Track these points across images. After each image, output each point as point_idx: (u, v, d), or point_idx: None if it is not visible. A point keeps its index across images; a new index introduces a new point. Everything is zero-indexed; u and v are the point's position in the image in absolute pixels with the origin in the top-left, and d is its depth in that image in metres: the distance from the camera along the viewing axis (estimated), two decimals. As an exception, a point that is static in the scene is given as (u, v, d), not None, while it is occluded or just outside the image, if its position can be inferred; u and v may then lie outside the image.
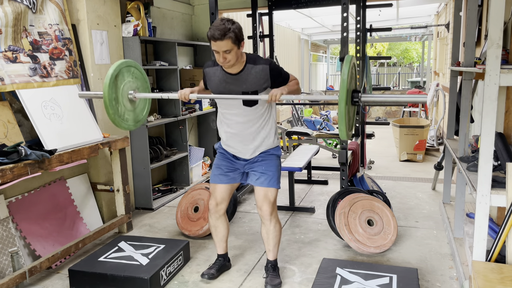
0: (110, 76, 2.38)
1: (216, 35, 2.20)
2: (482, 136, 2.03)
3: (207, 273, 2.77)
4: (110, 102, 2.39)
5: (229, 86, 2.43)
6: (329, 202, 3.42)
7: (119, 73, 2.45)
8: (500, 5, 1.93)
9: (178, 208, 3.62)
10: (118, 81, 2.47)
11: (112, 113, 2.42)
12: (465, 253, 2.79)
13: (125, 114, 2.55)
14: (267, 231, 2.65)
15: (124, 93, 2.51)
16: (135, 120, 2.65)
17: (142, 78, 2.67)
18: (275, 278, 2.68)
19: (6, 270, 2.76)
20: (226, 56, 2.26)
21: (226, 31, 2.20)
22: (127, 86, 2.53)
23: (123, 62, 2.49)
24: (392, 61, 23.11)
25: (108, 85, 2.37)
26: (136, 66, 2.61)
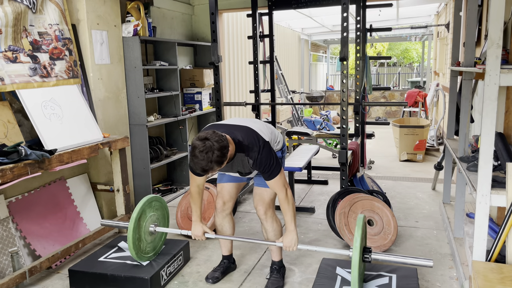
0: (134, 219, 2.58)
1: (199, 171, 2.18)
2: (482, 136, 2.03)
3: (211, 277, 2.76)
4: (134, 244, 2.59)
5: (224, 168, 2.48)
6: (329, 202, 3.42)
7: (142, 213, 2.64)
8: (500, 5, 1.93)
9: (178, 208, 3.62)
10: (141, 221, 2.65)
11: (135, 253, 2.61)
12: (465, 253, 2.79)
13: (146, 248, 2.74)
14: (265, 230, 2.66)
15: (146, 230, 2.71)
16: (154, 249, 2.83)
17: (162, 207, 2.88)
18: (277, 281, 2.66)
19: (6, 270, 2.76)
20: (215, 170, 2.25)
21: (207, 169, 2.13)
22: (149, 221, 2.73)
23: (145, 202, 2.68)
24: (392, 61, 23.11)
25: (133, 230, 2.57)
26: (157, 199, 2.81)
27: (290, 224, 2.43)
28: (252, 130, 2.38)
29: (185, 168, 4.87)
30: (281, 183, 2.38)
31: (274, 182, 2.37)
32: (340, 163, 3.46)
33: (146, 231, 2.71)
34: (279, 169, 2.37)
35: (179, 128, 4.77)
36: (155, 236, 2.82)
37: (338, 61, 15.97)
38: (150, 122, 4.18)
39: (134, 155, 4.14)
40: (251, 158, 2.32)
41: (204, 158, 2.09)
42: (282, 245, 2.45)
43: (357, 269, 2.18)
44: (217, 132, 2.17)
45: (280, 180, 2.38)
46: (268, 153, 2.33)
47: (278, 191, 2.41)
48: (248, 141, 2.32)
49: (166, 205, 2.92)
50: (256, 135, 2.36)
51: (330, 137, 6.20)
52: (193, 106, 4.97)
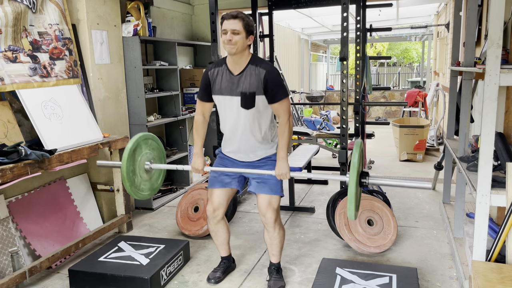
0: (128, 150, 2.47)
1: (229, 14, 2.32)
2: (482, 136, 2.03)
3: (213, 277, 2.75)
4: (127, 175, 2.48)
5: (230, 85, 2.43)
6: (329, 202, 3.42)
7: (137, 146, 2.55)
8: (500, 5, 1.93)
9: (178, 208, 3.62)
10: (136, 154, 2.56)
11: (129, 185, 2.51)
12: (465, 253, 2.79)
13: (141, 184, 2.64)
14: (270, 238, 2.61)
15: (141, 165, 2.61)
16: (151, 188, 2.73)
17: (158, 148, 2.77)
18: (279, 281, 2.66)
19: (6, 270, 2.76)
20: (233, 37, 2.29)
21: (240, 13, 2.33)
22: (144, 157, 2.63)
23: (141, 136, 2.58)
24: (392, 61, 23.11)
25: (127, 159, 2.46)
26: (153, 138, 2.71)
27: (282, 151, 2.41)
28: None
29: (185, 168, 4.87)
30: (287, 106, 2.41)
31: (282, 103, 2.39)
32: (340, 163, 3.46)
33: (141, 167, 2.59)
34: (287, 95, 2.41)
35: (179, 128, 4.77)
36: (151, 175, 2.70)
37: (338, 61, 15.96)
38: (150, 122, 4.18)
39: (134, 155, 4.13)
40: (265, 68, 2.35)
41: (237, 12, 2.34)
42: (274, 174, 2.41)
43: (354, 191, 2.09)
44: None
45: (287, 102, 2.41)
46: (279, 74, 2.40)
47: (282, 113, 2.40)
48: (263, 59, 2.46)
49: (163, 149, 2.80)
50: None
51: (330, 137, 6.20)
52: (193, 106, 4.97)
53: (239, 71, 2.40)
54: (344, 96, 3.36)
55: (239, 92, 2.40)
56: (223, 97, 2.46)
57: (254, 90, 2.37)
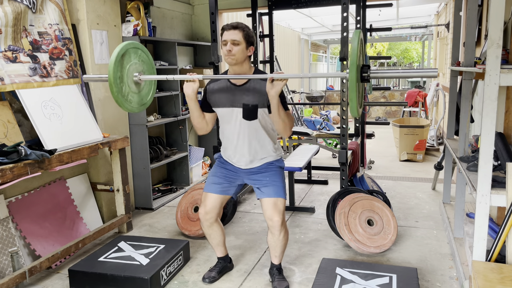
0: (116, 54, 2.32)
1: (229, 25, 2.32)
2: (482, 136, 2.03)
3: (207, 277, 2.76)
4: (114, 80, 2.30)
5: (231, 97, 2.43)
6: (329, 202, 3.42)
7: (125, 52, 2.38)
8: (500, 5, 1.93)
9: (178, 208, 3.62)
10: (124, 61, 2.39)
11: (115, 91, 2.33)
12: (465, 253, 2.79)
13: (129, 95, 2.47)
14: (275, 241, 2.59)
15: (129, 74, 2.44)
16: (140, 103, 2.56)
17: (149, 62, 2.60)
18: (283, 281, 2.66)
19: (6, 270, 2.76)
20: (233, 48, 2.29)
21: (240, 24, 2.33)
22: (133, 67, 2.46)
23: (130, 43, 2.43)
24: (392, 61, 23.11)
25: (114, 62, 2.29)
26: (143, 49, 2.55)
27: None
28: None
29: (185, 168, 4.87)
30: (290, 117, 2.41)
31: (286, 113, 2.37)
32: (340, 163, 3.46)
33: (129, 76, 2.46)
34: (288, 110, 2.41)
35: (179, 128, 4.77)
36: (141, 88, 2.57)
37: (338, 61, 15.96)
38: (150, 122, 4.18)
39: (134, 155, 4.14)
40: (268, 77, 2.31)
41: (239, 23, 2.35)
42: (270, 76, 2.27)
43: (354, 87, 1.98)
44: None
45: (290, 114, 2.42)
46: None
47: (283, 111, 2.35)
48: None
49: (153, 63, 2.65)
50: None
51: (330, 137, 6.20)
52: (193, 106, 4.96)
53: (241, 82, 2.40)
54: (344, 96, 3.36)
55: (241, 104, 2.40)
56: (225, 109, 2.46)
57: (256, 103, 2.38)
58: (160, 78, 2.54)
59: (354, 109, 2.03)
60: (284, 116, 2.34)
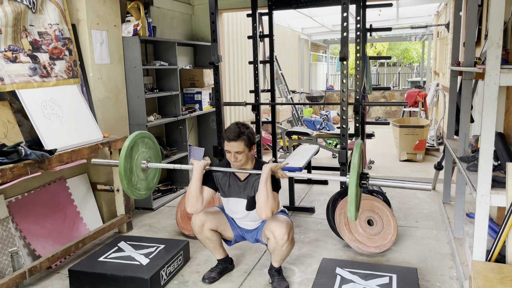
0: (126, 147, 2.49)
1: (231, 136, 2.42)
2: (482, 136, 2.03)
3: (207, 277, 2.77)
4: (125, 173, 2.49)
5: (237, 189, 2.60)
6: (329, 202, 3.42)
7: (134, 144, 2.57)
8: (500, 5, 1.93)
9: (178, 208, 3.62)
10: (133, 152, 2.58)
11: (126, 184, 2.52)
12: (465, 253, 2.79)
13: (137, 183, 2.66)
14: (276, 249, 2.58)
15: (138, 163, 2.63)
16: (147, 188, 2.75)
17: (155, 147, 2.79)
18: (283, 282, 2.67)
19: (6, 270, 2.76)
20: (237, 157, 2.45)
21: (240, 134, 2.42)
22: (141, 156, 2.65)
23: (138, 134, 2.60)
24: (392, 61, 23.11)
25: (125, 157, 2.48)
26: (150, 137, 2.74)
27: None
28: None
29: (185, 168, 4.86)
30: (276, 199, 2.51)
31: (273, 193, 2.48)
32: (340, 163, 3.45)
33: (138, 166, 2.61)
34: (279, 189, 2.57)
35: (179, 128, 4.77)
36: (148, 173, 2.71)
37: (338, 61, 15.96)
38: (150, 122, 4.18)
39: (134, 155, 4.13)
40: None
41: (240, 127, 2.44)
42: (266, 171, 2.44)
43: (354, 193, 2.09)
44: None
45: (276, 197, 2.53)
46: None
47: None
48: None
49: (159, 148, 2.81)
50: None
51: (330, 137, 6.21)
52: (193, 106, 4.96)
53: (244, 177, 2.59)
54: (344, 96, 3.36)
55: (246, 195, 2.57)
56: (231, 199, 2.65)
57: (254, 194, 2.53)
58: (168, 166, 2.76)
59: (352, 214, 2.13)
60: (270, 192, 2.42)
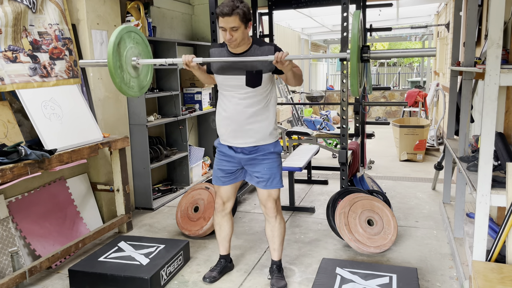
0: (112, 43, 2.31)
1: (225, 10, 2.23)
2: (482, 136, 2.03)
3: (208, 276, 2.77)
4: (115, 71, 2.33)
5: (233, 64, 2.41)
6: (329, 202, 3.42)
7: (121, 39, 2.38)
8: (500, 5, 1.93)
9: (178, 208, 3.62)
10: (121, 48, 2.39)
11: (118, 82, 2.36)
12: (465, 253, 2.79)
13: (130, 81, 2.49)
14: (272, 229, 2.64)
15: (127, 60, 2.45)
16: (140, 86, 2.59)
17: (143, 42, 2.61)
18: (281, 280, 2.67)
19: (6, 270, 2.76)
20: (233, 34, 2.27)
21: (234, 7, 2.23)
22: (130, 52, 2.47)
23: (123, 28, 2.42)
24: (392, 61, 23.09)
25: (112, 53, 2.30)
26: (136, 31, 2.54)
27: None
28: None
29: (185, 168, 4.87)
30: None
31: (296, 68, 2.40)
32: (340, 163, 3.46)
33: (128, 63, 2.48)
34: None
35: (179, 128, 4.77)
36: (139, 72, 2.59)
37: (338, 61, 15.96)
38: (150, 122, 4.18)
39: (134, 155, 4.14)
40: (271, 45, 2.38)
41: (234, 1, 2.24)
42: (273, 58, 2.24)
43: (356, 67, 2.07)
44: None
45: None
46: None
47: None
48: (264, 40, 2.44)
49: (147, 42, 2.66)
50: None
51: (330, 137, 6.20)
52: (193, 106, 4.96)
53: (241, 51, 2.40)
54: (344, 96, 3.36)
55: (244, 71, 2.37)
56: (225, 76, 2.43)
57: (261, 69, 2.36)
58: (158, 61, 2.56)
59: (355, 88, 2.09)
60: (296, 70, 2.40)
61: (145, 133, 4.07)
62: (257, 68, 2.36)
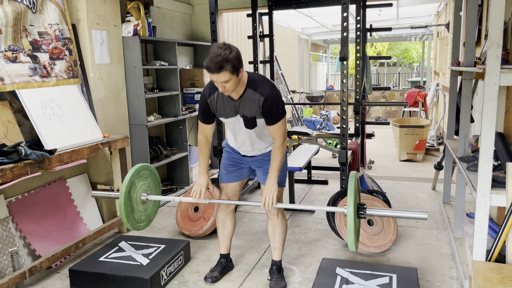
0: (123, 193, 2.48)
1: (213, 68, 2.14)
2: (482, 136, 2.03)
3: (210, 277, 2.77)
4: (127, 217, 2.52)
5: (233, 108, 2.46)
6: (329, 202, 3.42)
7: (131, 186, 2.55)
8: (500, 5, 1.93)
9: (178, 208, 3.62)
10: (131, 193, 2.57)
11: (130, 225, 2.56)
12: (465, 253, 2.79)
13: (140, 217, 2.68)
14: (273, 227, 2.65)
15: (138, 200, 2.62)
16: (148, 218, 2.78)
17: (152, 174, 2.77)
18: (280, 281, 2.67)
19: (6, 270, 2.76)
20: (225, 86, 2.22)
21: (222, 63, 2.12)
22: (140, 191, 2.64)
23: (133, 173, 2.56)
24: (392, 61, 23.11)
25: (124, 203, 2.48)
26: (145, 168, 2.69)
27: (273, 173, 2.42)
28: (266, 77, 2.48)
29: (185, 168, 4.87)
30: (282, 130, 2.41)
31: (277, 127, 2.38)
32: (340, 163, 3.46)
33: (138, 202, 2.61)
34: (284, 115, 2.41)
35: (179, 128, 4.77)
36: (148, 204, 2.73)
37: (338, 61, 15.96)
38: (150, 122, 4.18)
39: (134, 155, 4.13)
40: (263, 94, 2.31)
41: (221, 53, 2.12)
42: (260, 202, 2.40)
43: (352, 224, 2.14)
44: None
45: (283, 126, 2.40)
46: (278, 95, 2.37)
47: (277, 137, 2.41)
48: (261, 80, 2.39)
49: (155, 171, 2.79)
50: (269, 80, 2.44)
51: (330, 137, 6.20)
52: (193, 106, 4.96)
53: (237, 97, 2.38)
54: (344, 96, 3.36)
55: (242, 114, 2.45)
56: (228, 119, 2.51)
57: (254, 115, 2.41)
58: (166, 199, 2.73)
59: (353, 244, 2.17)
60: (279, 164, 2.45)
61: (145, 133, 4.07)
62: (251, 114, 2.41)
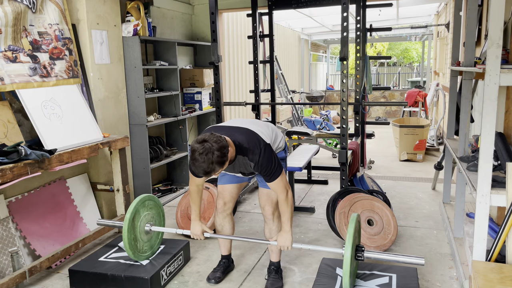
0: (127, 220, 2.56)
1: (201, 175, 2.18)
2: (482, 136, 2.03)
3: (213, 277, 2.76)
4: (130, 245, 2.60)
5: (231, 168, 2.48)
6: (329, 202, 3.42)
7: (135, 214, 2.62)
8: (500, 5, 1.93)
9: (178, 208, 3.62)
10: (135, 221, 2.64)
11: (132, 253, 2.62)
12: (465, 253, 2.79)
13: (143, 247, 2.74)
14: (269, 231, 2.65)
15: (141, 229, 2.71)
16: (151, 248, 2.84)
17: (156, 205, 2.86)
18: (277, 282, 2.67)
19: (6, 270, 2.76)
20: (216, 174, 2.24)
21: (208, 170, 2.12)
22: (144, 220, 2.72)
23: (138, 202, 2.65)
24: (392, 61, 23.12)
25: (127, 230, 2.56)
26: (151, 198, 2.79)
27: (286, 225, 2.43)
28: (253, 132, 2.38)
29: (185, 168, 4.87)
30: (282, 185, 2.38)
31: (275, 184, 2.37)
32: (340, 163, 3.46)
33: (141, 231, 2.70)
34: (280, 170, 2.37)
35: (179, 128, 4.77)
36: (152, 235, 2.82)
37: (338, 61, 15.97)
38: (150, 122, 4.18)
39: (134, 155, 4.14)
40: (252, 161, 2.32)
41: (205, 160, 2.08)
42: (276, 244, 2.47)
43: (348, 267, 2.18)
44: (214, 134, 2.17)
45: (281, 181, 2.37)
46: (269, 156, 2.32)
47: (279, 192, 2.40)
48: (248, 144, 2.31)
49: (160, 204, 2.90)
50: (257, 137, 2.35)
51: (330, 137, 6.20)
52: (193, 106, 4.96)
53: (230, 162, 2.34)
54: (344, 96, 3.36)
55: (239, 171, 2.51)
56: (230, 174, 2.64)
57: (251, 171, 2.47)
58: (169, 231, 2.80)
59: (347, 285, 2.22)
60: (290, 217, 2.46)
61: (145, 133, 4.07)
62: (248, 171, 2.47)
